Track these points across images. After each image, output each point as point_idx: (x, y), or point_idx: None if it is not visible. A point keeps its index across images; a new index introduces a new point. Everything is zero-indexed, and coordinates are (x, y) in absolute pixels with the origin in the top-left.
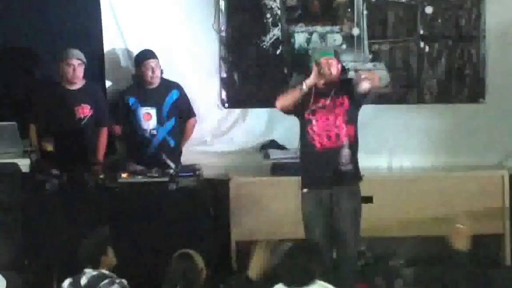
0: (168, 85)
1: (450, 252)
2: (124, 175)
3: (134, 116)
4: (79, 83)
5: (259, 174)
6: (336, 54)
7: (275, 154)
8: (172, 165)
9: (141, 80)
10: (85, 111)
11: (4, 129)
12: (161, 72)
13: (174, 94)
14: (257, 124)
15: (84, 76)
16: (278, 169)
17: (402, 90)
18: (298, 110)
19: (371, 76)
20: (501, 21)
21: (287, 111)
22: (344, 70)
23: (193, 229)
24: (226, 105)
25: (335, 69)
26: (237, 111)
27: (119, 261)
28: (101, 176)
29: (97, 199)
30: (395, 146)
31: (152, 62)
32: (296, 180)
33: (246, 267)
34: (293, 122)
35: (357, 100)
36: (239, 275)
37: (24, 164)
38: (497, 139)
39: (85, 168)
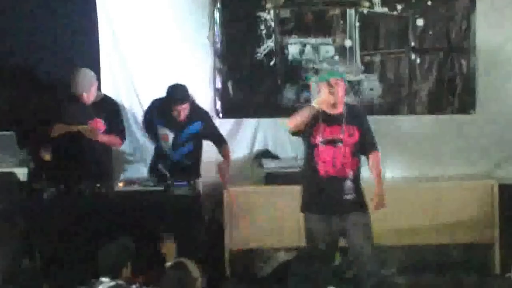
0: (193, 116)
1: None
2: (120, 184)
3: (156, 131)
4: (94, 97)
5: (253, 183)
6: (343, 76)
7: (268, 163)
8: (167, 174)
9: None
10: (98, 125)
11: (1, 138)
12: (192, 102)
13: (197, 126)
14: (251, 133)
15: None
16: (272, 178)
17: (394, 101)
18: (306, 132)
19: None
20: (490, 33)
21: (296, 131)
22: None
23: (187, 238)
24: (221, 115)
25: (343, 91)
26: (231, 121)
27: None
28: (98, 185)
29: (94, 207)
30: (386, 156)
31: (182, 106)
32: (289, 189)
33: (239, 276)
34: (286, 132)
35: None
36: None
37: (21, 173)
38: (487, 150)
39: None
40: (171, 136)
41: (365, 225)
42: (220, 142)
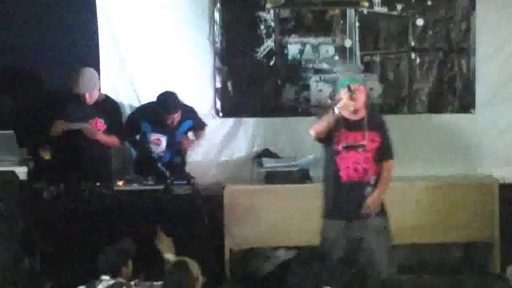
0: (184, 117)
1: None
2: (120, 183)
3: (144, 138)
4: (96, 97)
5: (253, 182)
6: (364, 82)
7: (268, 162)
8: (167, 174)
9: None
10: (98, 125)
11: (2, 137)
12: (181, 105)
13: (187, 124)
14: (251, 133)
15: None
16: (272, 178)
17: (394, 101)
18: (328, 139)
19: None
20: (490, 33)
21: (320, 137)
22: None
23: (187, 237)
24: (221, 114)
25: (363, 96)
26: (231, 120)
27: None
28: (98, 184)
29: (94, 207)
30: None
31: (174, 115)
32: (289, 188)
33: (239, 275)
34: (286, 132)
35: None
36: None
37: (21, 172)
38: (486, 149)
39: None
40: (164, 139)
41: (385, 230)
42: (198, 126)
